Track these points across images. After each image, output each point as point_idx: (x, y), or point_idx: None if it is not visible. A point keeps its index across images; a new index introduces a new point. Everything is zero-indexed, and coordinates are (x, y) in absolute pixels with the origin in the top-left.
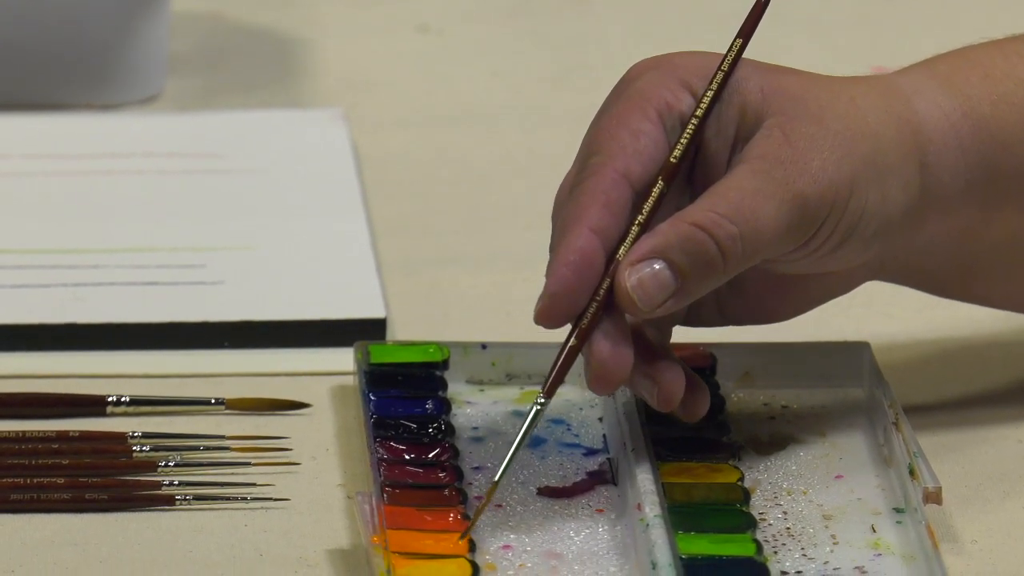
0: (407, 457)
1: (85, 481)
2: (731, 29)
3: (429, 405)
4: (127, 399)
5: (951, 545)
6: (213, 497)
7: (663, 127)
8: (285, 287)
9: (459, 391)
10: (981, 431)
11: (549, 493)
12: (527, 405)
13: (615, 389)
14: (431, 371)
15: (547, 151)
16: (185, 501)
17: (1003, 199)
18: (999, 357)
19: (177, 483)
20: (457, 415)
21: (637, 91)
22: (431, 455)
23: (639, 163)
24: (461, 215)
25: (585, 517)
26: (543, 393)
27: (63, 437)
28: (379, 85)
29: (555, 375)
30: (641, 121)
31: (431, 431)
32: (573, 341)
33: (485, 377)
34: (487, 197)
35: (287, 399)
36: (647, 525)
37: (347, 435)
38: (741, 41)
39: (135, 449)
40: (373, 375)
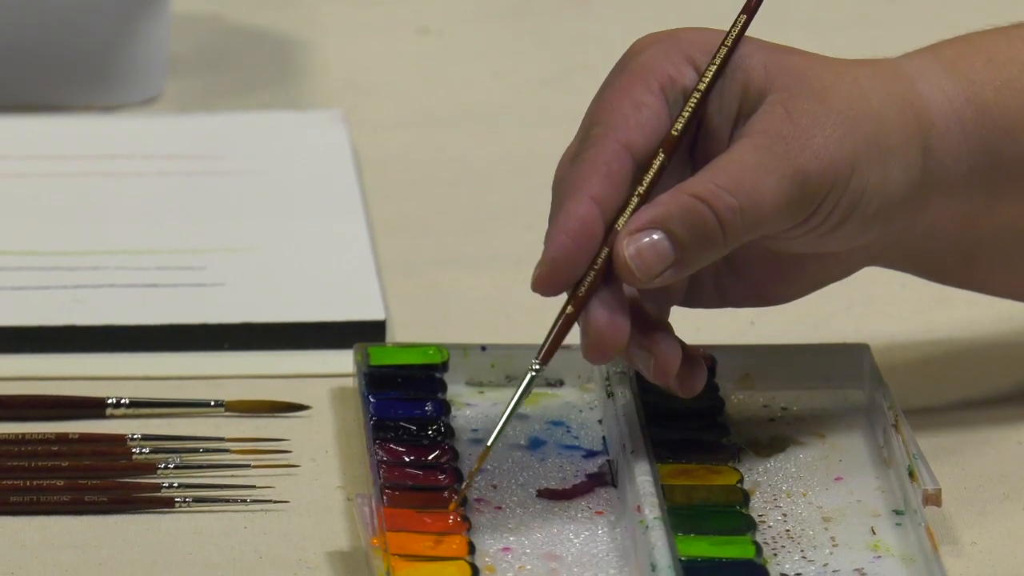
0: (407, 459)
1: (85, 483)
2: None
3: (429, 407)
4: (127, 401)
5: (951, 547)
6: (213, 499)
7: (665, 100)
8: (285, 289)
9: (459, 393)
10: (981, 433)
11: (549, 495)
12: (528, 407)
13: (610, 359)
14: (431, 373)
15: (547, 152)
16: (185, 503)
17: (1005, 185)
18: (999, 359)
19: (177, 485)
20: (457, 417)
21: (640, 64)
22: (431, 457)
23: (641, 135)
24: (461, 216)
25: (585, 519)
26: (538, 359)
27: (63, 439)
28: (379, 86)
29: (551, 341)
30: (644, 93)
31: (431, 433)
32: (570, 309)
33: (485, 379)
34: (487, 198)
35: (287, 401)
36: (647, 527)
37: (347, 437)
38: (745, 17)
39: (135, 451)
40: (373, 377)
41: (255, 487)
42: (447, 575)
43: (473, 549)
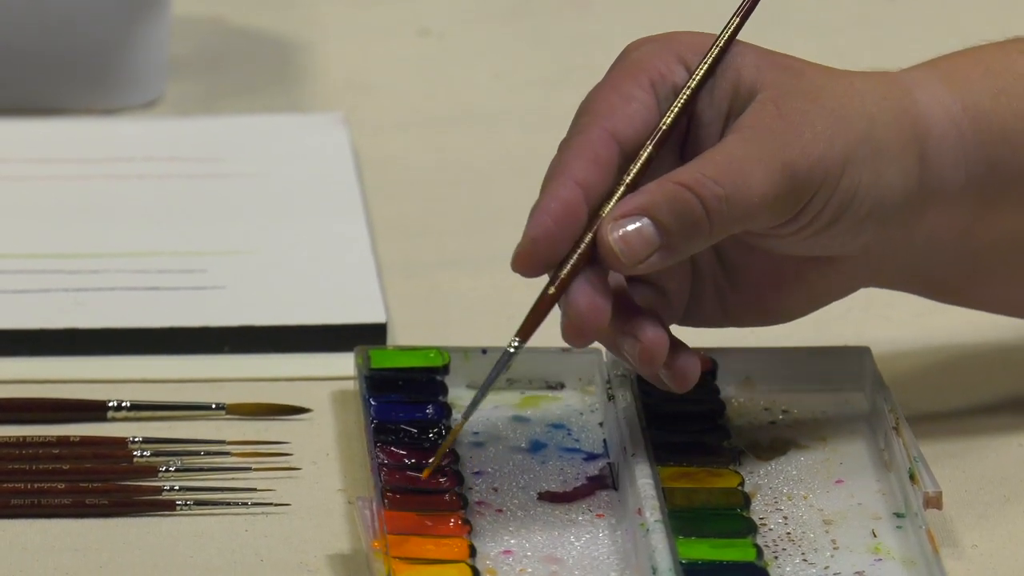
0: (408, 462)
1: (85, 486)
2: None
3: (430, 410)
4: (128, 404)
5: (951, 550)
6: (214, 502)
7: (655, 95)
8: (285, 291)
9: (460, 396)
10: (982, 436)
11: (549, 498)
12: (528, 410)
13: (590, 341)
14: (432, 376)
15: (548, 153)
16: (186, 506)
17: (1004, 194)
18: (999, 361)
19: (178, 488)
20: (458, 420)
21: (632, 61)
22: (431, 460)
23: (629, 125)
24: (462, 218)
25: (585, 522)
26: (517, 337)
27: (63, 442)
28: (380, 88)
29: (530, 319)
30: (633, 88)
31: (432, 436)
32: (551, 289)
33: None
34: (488, 200)
35: (288, 404)
36: (647, 530)
37: (347, 440)
38: (738, 20)
39: (136, 454)
40: (374, 380)
41: (256, 490)
42: None
43: (474, 552)
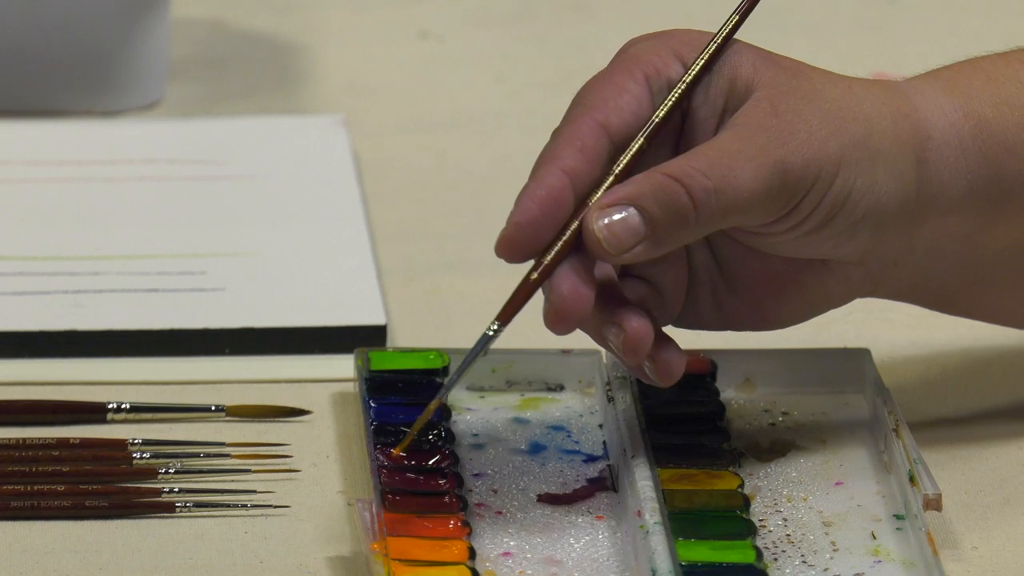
0: (407, 464)
1: (85, 488)
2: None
3: None
4: (127, 406)
5: (951, 552)
6: (213, 504)
7: (649, 89)
8: (286, 294)
9: (459, 397)
10: (981, 438)
11: (549, 500)
12: (528, 412)
13: (571, 328)
14: (431, 378)
15: None
16: (185, 508)
17: (1006, 202)
18: (999, 364)
19: (177, 490)
20: (457, 422)
21: (628, 55)
22: (431, 462)
23: (619, 117)
24: (462, 221)
25: (585, 524)
26: (497, 320)
27: (63, 444)
28: (380, 91)
29: (510, 303)
30: (626, 80)
31: (431, 438)
32: (534, 275)
33: (486, 384)
34: (488, 202)
35: (287, 406)
36: (647, 532)
37: (347, 442)
38: (737, 17)
39: (135, 456)
40: (373, 382)
41: (256, 492)
42: None
43: (473, 554)
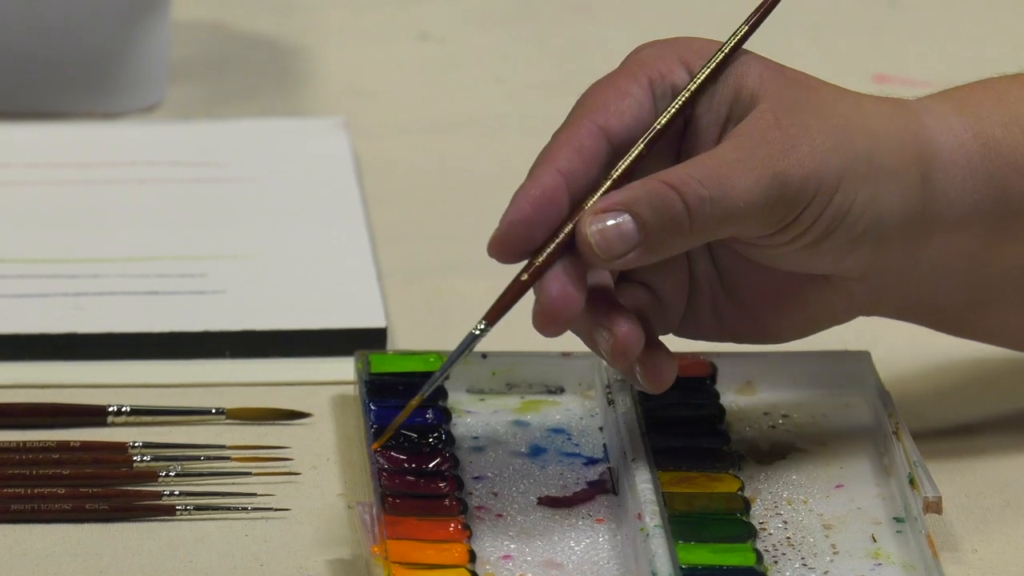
0: (407, 467)
1: (86, 491)
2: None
3: (429, 415)
4: (128, 409)
5: (951, 554)
6: (214, 507)
7: (652, 94)
8: (286, 296)
9: (460, 400)
10: (982, 441)
11: (549, 503)
12: (528, 415)
13: (560, 330)
14: None
15: None
16: (186, 511)
17: (1013, 222)
18: (1000, 366)
19: (178, 493)
20: (457, 425)
21: (634, 60)
22: (431, 465)
23: (619, 120)
24: (462, 223)
25: (585, 527)
26: (485, 320)
27: (64, 447)
28: (380, 93)
29: (499, 303)
30: (629, 84)
31: (432, 440)
32: (525, 276)
33: (486, 386)
34: (489, 205)
35: (288, 409)
36: (647, 535)
37: (348, 445)
38: (747, 28)
39: (136, 459)
40: (374, 384)
41: (256, 495)
42: None
43: (474, 557)
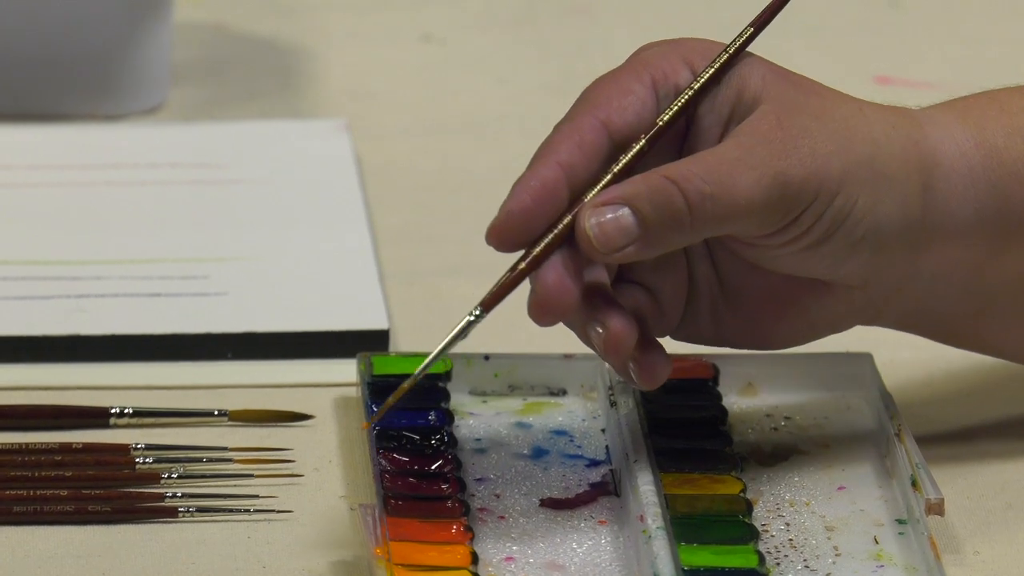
0: (410, 469)
1: (88, 493)
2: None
3: (432, 416)
4: (130, 411)
5: (953, 556)
6: (216, 509)
7: (655, 93)
8: (288, 298)
9: (462, 402)
10: (984, 442)
11: (551, 504)
12: (531, 416)
13: (553, 321)
14: (434, 382)
15: None
16: (188, 513)
17: (1014, 233)
18: (1002, 368)
19: (180, 495)
20: (460, 426)
21: (638, 58)
22: (434, 467)
23: (621, 117)
24: (464, 225)
25: (587, 528)
26: (480, 305)
27: (66, 449)
28: (382, 95)
29: (496, 290)
30: (633, 82)
31: (434, 442)
32: (523, 265)
33: (488, 388)
34: (491, 207)
35: (290, 411)
36: (649, 537)
37: (350, 447)
38: (752, 30)
39: (138, 461)
40: (376, 386)
41: (258, 497)
42: None
43: (476, 559)
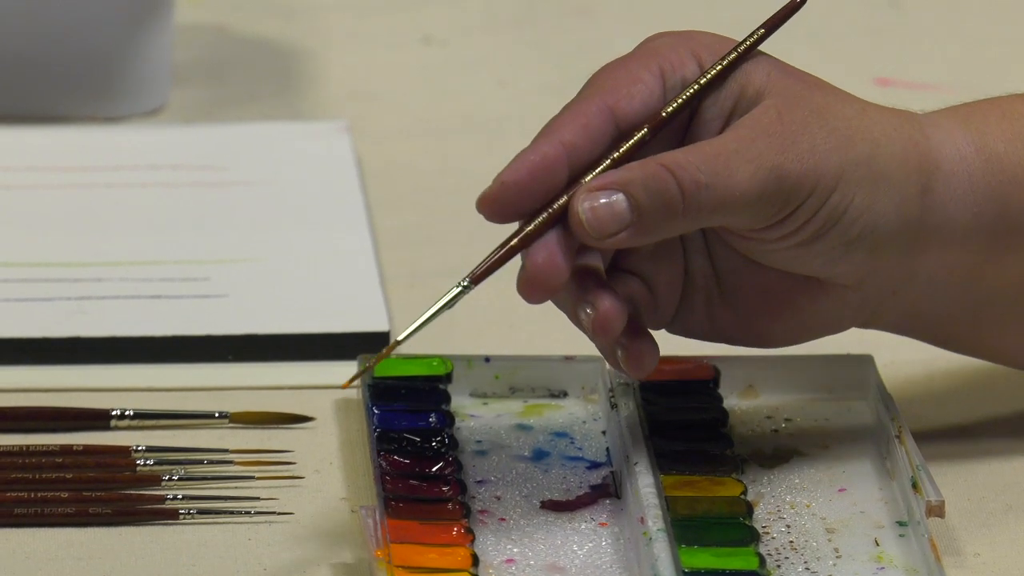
0: (411, 471)
1: (89, 495)
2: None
3: (432, 418)
4: (131, 413)
5: (954, 558)
6: (217, 511)
7: (663, 83)
8: (289, 300)
9: (462, 404)
10: (984, 444)
11: (552, 506)
12: (531, 418)
13: (542, 299)
14: (434, 384)
15: None
16: (189, 515)
17: (1013, 238)
18: (1002, 370)
19: (181, 497)
20: (460, 428)
21: (646, 48)
22: (434, 468)
23: (628, 104)
24: (465, 227)
25: (588, 531)
26: (469, 277)
27: (67, 451)
28: (383, 96)
29: (487, 264)
30: (641, 70)
31: (434, 444)
32: (514, 241)
33: (488, 390)
34: None
35: (291, 412)
36: (650, 539)
37: (351, 448)
38: (763, 31)
39: (139, 463)
40: (376, 388)
41: (259, 499)
42: None
43: (476, 561)
